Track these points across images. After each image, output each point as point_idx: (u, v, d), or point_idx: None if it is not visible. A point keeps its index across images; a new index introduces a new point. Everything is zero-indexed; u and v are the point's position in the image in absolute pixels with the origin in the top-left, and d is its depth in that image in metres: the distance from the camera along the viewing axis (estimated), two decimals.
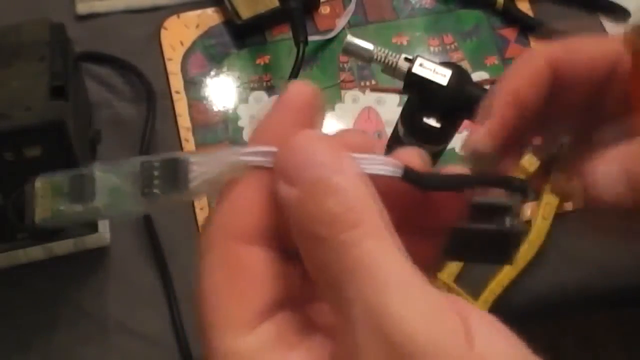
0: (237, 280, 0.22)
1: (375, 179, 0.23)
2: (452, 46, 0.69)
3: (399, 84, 0.52)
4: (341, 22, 0.68)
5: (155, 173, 0.23)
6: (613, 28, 0.72)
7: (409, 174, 0.24)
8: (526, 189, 0.27)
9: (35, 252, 0.56)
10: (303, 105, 0.24)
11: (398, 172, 0.24)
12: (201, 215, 0.60)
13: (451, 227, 0.26)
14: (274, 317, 0.22)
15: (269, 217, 0.22)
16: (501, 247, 0.27)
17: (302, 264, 0.22)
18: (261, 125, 0.24)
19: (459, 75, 0.51)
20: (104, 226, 0.57)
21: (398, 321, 0.19)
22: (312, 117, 0.24)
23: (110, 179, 0.23)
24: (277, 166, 0.22)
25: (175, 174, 0.23)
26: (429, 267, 0.26)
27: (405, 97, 0.54)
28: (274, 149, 0.23)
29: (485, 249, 0.27)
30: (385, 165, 0.23)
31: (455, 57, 0.68)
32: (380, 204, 0.21)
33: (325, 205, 0.21)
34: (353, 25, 0.68)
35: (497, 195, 0.26)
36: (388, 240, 0.20)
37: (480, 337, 0.20)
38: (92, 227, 0.55)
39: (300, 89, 0.24)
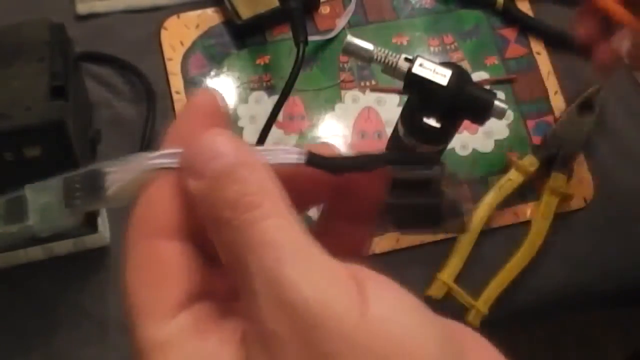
0: (154, 274, 0.23)
1: (298, 171, 0.25)
2: (452, 46, 0.69)
3: (399, 84, 0.52)
4: (341, 22, 0.68)
5: (77, 186, 0.25)
6: None
7: (312, 160, 0.25)
8: (438, 160, 0.28)
9: (35, 252, 0.56)
10: (208, 110, 0.26)
11: (302, 159, 0.25)
12: None
13: (380, 203, 0.28)
14: (191, 307, 0.23)
15: (183, 213, 0.24)
16: (432, 216, 0.28)
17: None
18: (170, 130, 0.26)
19: (459, 75, 0.51)
20: (104, 226, 0.57)
21: (294, 287, 0.21)
22: (217, 121, 0.25)
23: (40, 198, 0.26)
24: (184, 163, 0.24)
25: (93, 184, 0.25)
26: (363, 250, 0.29)
27: (405, 97, 0.54)
28: (180, 150, 0.24)
29: (418, 219, 0.29)
30: (289, 154, 0.25)
31: (455, 57, 0.68)
32: (280, 187, 0.23)
33: (228, 192, 0.22)
34: (353, 25, 0.68)
35: (417, 170, 0.28)
36: (286, 219, 0.22)
37: (375, 300, 0.21)
38: (92, 227, 0.55)
39: (205, 95, 0.26)
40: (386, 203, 0.28)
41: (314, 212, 0.33)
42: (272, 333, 0.21)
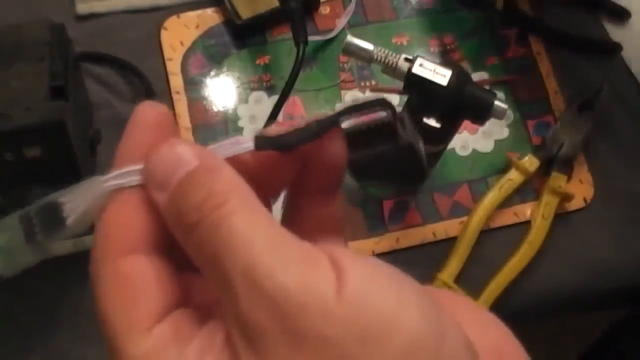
0: (125, 292, 0.23)
1: (253, 161, 0.25)
2: (452, 46, 0.69)
3: (399, 84, 0.52)
4: (341, 22, 0.68)
5: (34, 221, 0.25)
6: (613, 28, 0.72)
7: (260, 143, 0.25)
8: (386, 103, 0.28)
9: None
10: (154, 124, 0.25)
11: (250, 146, 0.25)
12: None
13: (347, 159, 0.28)
14: (168, 317, 0.23)
15: (146, 227, 0.24)
16: (392, 162, 0.29)
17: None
18: (119, 150, 0.26)
19: (459, 75, 0.51)
20: None
21: (270, 276, 0.21)
22: (166, 134, 0.25)
23: (1, 239, 0.25)
24: (146, 177, 0.24)
25: (51, 217, 0.25)
26: (336, 225, 0.28)
27: (405, 97, 0.54)
28: (133, 167, 0.24)
29: (378, 170, 0.29)
30: (237, 145, 0.25)
31: (455, 57, 0.68)
32: (244, 183, 0.23)
33: (193, 196, 0.22)
34: (353, 25, 0.68)
35: (366, 117, 0.28)
36: (254, 212, 0.22)
37: (351, 276, 0.21)
38: (92, 228, 0.55)
39: (148, 109, 0.26)
40: (350, 158, 0.28)
41: None
42: (254, 325, 0.21)
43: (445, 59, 0.68)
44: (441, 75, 0.51)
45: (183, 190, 0.23)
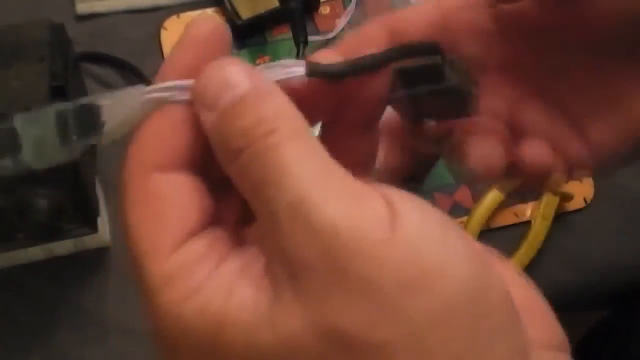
0: (156, 207, 0.22)
1: (297, 88, 0.24)
2: None
3: None
4: (341, 22, 0.68)
5: (70, 121, 0.24)
6: None
7: (312, 70, 0.25)
8: (437, 46, 0.28)
9: (35, 253, 0.56)
10: (208, 39, 0.24)
11: (301, 71, 0.24)
12: None
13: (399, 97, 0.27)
14: (201, 233, 0.22)
15: (186, 145, 0.23)
16: (440, 100, 0.28)
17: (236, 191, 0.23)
18: (169, 61, 0.24)
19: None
20: (103, 226, 0.57)
21: (318, 207, 0.20)
22: (219, 49, 0.24)
23: (32, 130, 0.24)
24: (196, 95, 0.23)
25: (88, 118, 0.24)
26: (368, 163, 0.28)
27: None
28: (185, 82, 0.23)
29: (425, 106, 0.29)
30: (289, 68, 0.24)
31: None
32: (294, 109, 0.22)
33: (242, 120, 0.22)
34: (353, 25, 0.68)
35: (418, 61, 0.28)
36: (305, 142, 0.21)
37: (406, 222, 0.20)
38: (92, 227, 0.55)
39: (204, 23, 0.24)
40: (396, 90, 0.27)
41: None
42: (298, 259, 0.20)
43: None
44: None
45: (231, 113, 0.22)
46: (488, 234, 0.62)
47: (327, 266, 0.19)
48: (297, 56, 0.61)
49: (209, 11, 0.67)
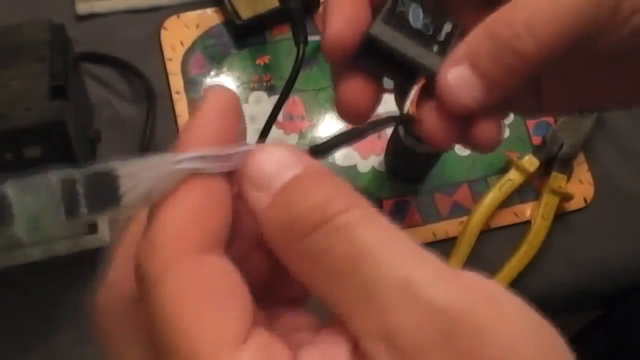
0: (213, 297, 0.20)
1: None
2: None
3: None
4: None
5: (80, 190, 0.21)
6: None
7: (314, 150, 0.26)
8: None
9: (35, 252, 0.56)
10: (227, 109, 0.23)
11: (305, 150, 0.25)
12: None
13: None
14: (252, 334, 0.20)
15: (222, 224, 0.22)
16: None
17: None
18: (188, 132, 0.23)
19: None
20: (104, 226, 0.57)
21: (431, 288, 0.19)
22: (237, 119, 0.24)
23: (28, 199, 0.20)
24: (246, 176, 0.22)
25: (103, 189, 0.21)
26: None
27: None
28: (211, 151, 0.22)
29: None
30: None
31: None
32: (355, 191, 0.22)
33: (308, 198, 0.21)
34: None
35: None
36: (380, 219, 0.21)
37: (510, 307, 0.20)
38: (92, 227, 0.55)
39: (221, 93, 0.24)
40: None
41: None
42: (412, 339, 0.19)
43: None
44: None
45: (295, 192, 0.21)
46: (488, 234, 0.62)
47: (446, 347, 0.19)
48: (297, 56, 0.61)
49: (209, 11, 0.67)
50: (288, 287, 0.26)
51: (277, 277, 0.25)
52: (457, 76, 0.31)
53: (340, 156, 0.64)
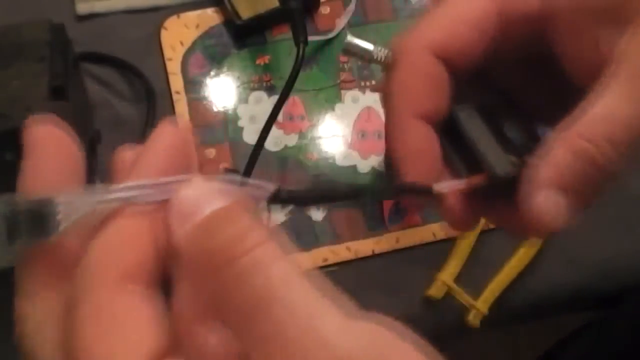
0: (118, 325, 0.21)
1: None
2: None
3: None
4: (341, 22, 0.68)
5: (20, 217, 0.22)
6: None
7: (276, 196, 0.25)
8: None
9: None
10: (173, 144, 0.24)
11: (266, 194, 0.25)
12: None
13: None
14: (167, 357, 0.21)
15: (149, 255, 0.22)
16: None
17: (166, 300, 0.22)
18: (133, 163, 0.24)
19: None
20: None
21: (335, 337, 0.20)
22: (184, 154, 0.24)
23: None
24: (172, 207, 0.22)
25: (42, 218, 0.22)
26: None
27: None
28: (144, 182, 0.23)
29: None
30: (258, 189, 0.24)
31: None
32: (274, 231, 0.22)
33: (226, 232, 0.21)
34: (353, 25, 0.68)
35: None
36: (292, 259, 0.21)
37: (408, 355, 0.20)
38: None
39: (170, 128, 0.24)
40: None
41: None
42: None
43: None
44: None
45: (213, 226, 0.21)
46: (488, 234, 0.62)
47: None
48: (297, 56, 0.61)
49: (209, 11, 0.67)
50: None
51: None
52: (545, 200, 0.30)
53: (340, 156, 0.64)
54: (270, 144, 0.63)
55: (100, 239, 0.22)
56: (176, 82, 0.64)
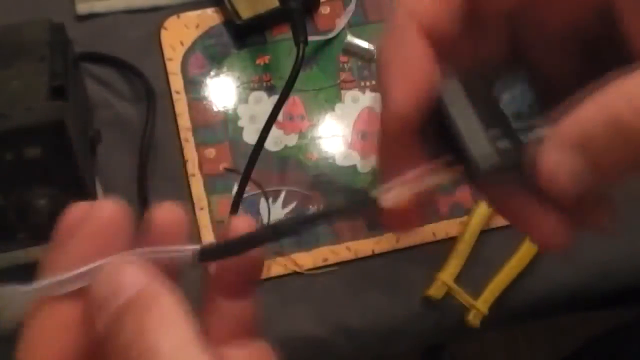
0: None
1: None
2: None
3: None
4: (341, 22, 0.68)
5: None
6: None
7: (205, 254, 0.25)
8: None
9: (35, 252, 0.56)
10: (105, 227, 0.24)
11: (194, 257, 0.25)
12: (201, 217, 0.60)
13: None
14: None
15: (78, 346, 0.23)
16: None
17: None
18: (55, 253, 0.24)
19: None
20: None
21: None
22: (119, 236, 0.24)
23: None
24: (90, 298, 0.23)
25: None
26: (252, 328, 0.28)
27: None
28: (66, 276, 0.23)
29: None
30: (180, 252, 0.25)
31: None
32: (185, 320, 0.22)
33: (124, 332, 0.22)
34: (353, 25, 0.68)
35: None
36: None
37: None
38: None
39: (103, 210, 0.24)
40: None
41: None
42: None
43: None
44: None
45: (118, 320, 0.22)
46: (488, 234, 0.62)
47: None
48: (297, 56, 0.61)
49: (209, 11, 0.67)
50: None
51: None
52: (562, 157, 0.25)
53: (340, 156, 0.64)
54: (270, 144, 0.63)
55: (27, 335, 0.24)
56: (176, 82, 0.64)
